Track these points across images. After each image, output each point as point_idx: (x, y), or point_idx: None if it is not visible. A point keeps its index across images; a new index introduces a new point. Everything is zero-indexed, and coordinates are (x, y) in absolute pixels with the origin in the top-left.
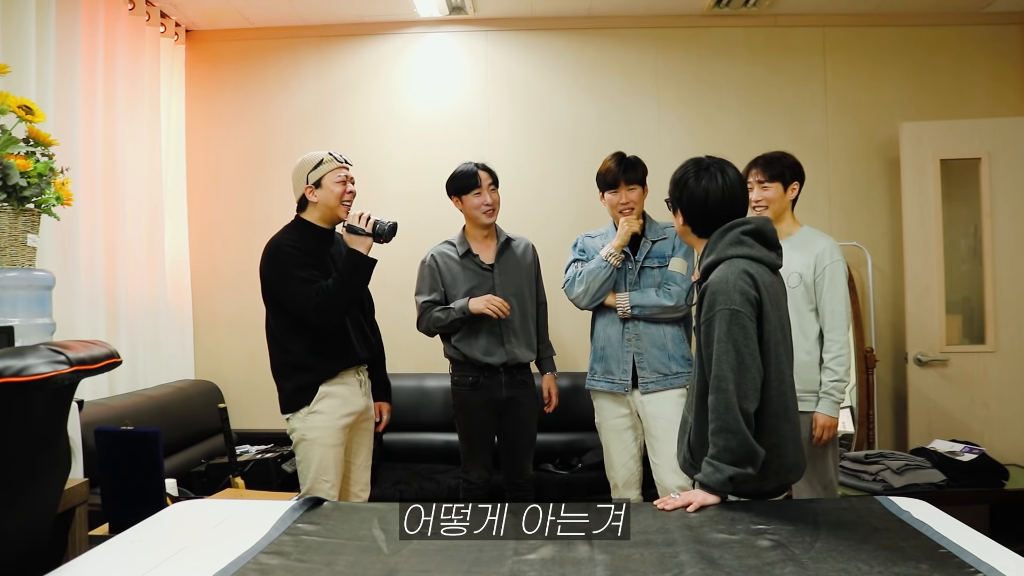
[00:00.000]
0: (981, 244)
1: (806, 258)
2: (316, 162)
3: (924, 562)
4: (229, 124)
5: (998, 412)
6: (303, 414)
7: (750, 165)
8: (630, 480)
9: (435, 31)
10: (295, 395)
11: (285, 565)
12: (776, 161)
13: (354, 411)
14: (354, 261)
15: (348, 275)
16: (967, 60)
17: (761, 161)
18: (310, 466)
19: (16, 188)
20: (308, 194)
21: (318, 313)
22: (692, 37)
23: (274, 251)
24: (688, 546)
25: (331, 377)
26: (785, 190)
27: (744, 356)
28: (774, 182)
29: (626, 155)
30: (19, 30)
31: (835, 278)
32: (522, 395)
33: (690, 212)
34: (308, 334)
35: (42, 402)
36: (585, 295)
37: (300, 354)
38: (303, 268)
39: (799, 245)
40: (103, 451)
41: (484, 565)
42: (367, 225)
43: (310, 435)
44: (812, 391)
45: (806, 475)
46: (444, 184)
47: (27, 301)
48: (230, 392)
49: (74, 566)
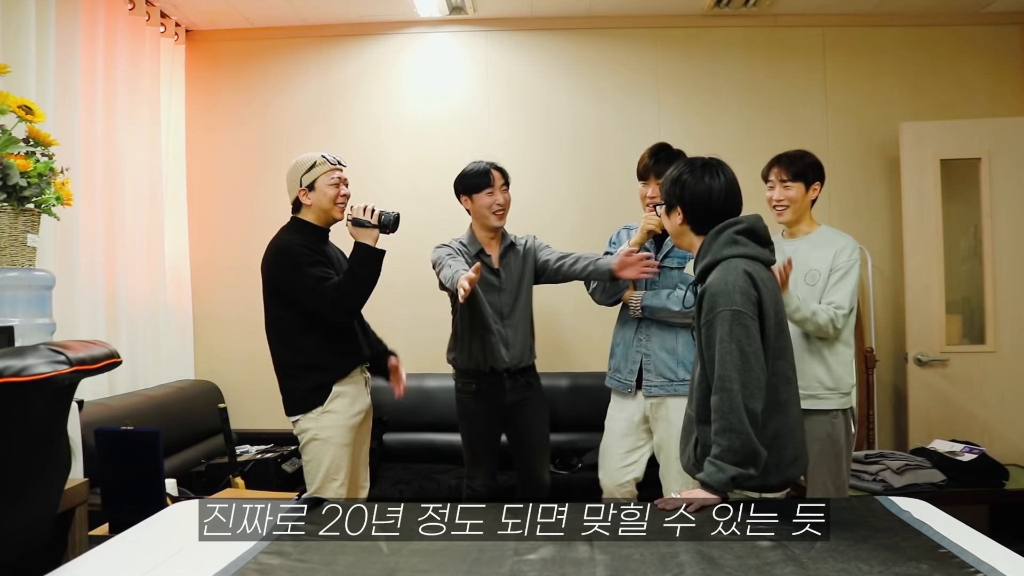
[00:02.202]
0: (981, 244)
1: (827, 256)
2: (309, 165)
3: (924, 562)
4: (229, 124)
5: (998, 412)
6: (316, 414)
7: (772, 163)
8: (615, 489)
9: (435, 31)
10: (309, 395)
11: (285, 565)
12: (798, 159)
13: (362, 409)
14: (363, 254)
15: (359, 269)
16: (967, 60)
17: (784, 159)
18: (320, 466)
19: (16, 188)
20: (302, 197)
21: (335, 309)
22: (692, 37)
23: (285, 251)
24: (688, 546)
25: (344, 376)
26: (807, 190)
27: (748, 356)
28: (796, 181)
29: (669, 147)
30: (19, 30)
31: (849, 273)
32: (528, 399)
33: (693, 209)
34: (321, 333)
35: (42, 402)
36: (596, 291)
37: (313, 353)
38: (315, 266)
39: (819, 243)
40: (103, 451)
41: (484, 565)
42: (372, 217)
43: (323, 435)
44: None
45: (820, 473)
46: (444, 184)
47: (27, 301)
48: (230, 392)
49: (74, 566)
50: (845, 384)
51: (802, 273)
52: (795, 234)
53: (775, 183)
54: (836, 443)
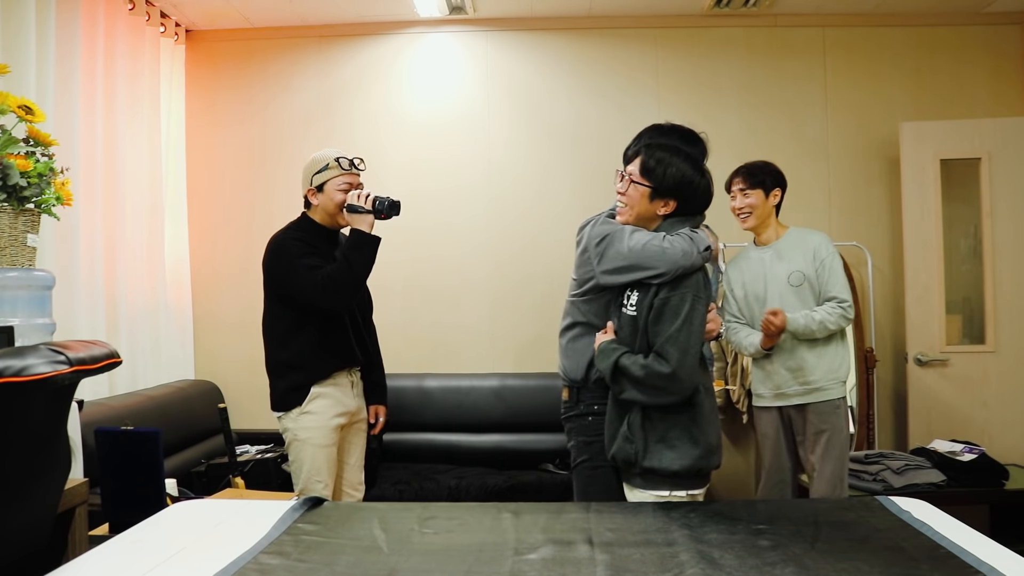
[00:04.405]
0: (981, 244)
1: (804, 255)
2: (321, 165)
3: (924, 562)
4: (229, 124)
5: (998, 412)
6: (295, 414)
7: (733, 175)
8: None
9: (435, 31)
10: (287, 395)
11: (285, 565)
12: (758, 170)
13: (346, 411)
14: (357, 240)
15: (352, 254)
16: (967, 60)
17: (743, 170)
18: (302, 466)
19: (16, 188)
20: (310, 196)
21: (325, 296)
22: (692, 37)
23: (278, 245)
24: (688, 546)
25: (323, 378)
26: (767, 196)
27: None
28: (755, 189)
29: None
30: (19, 30)
31: (834, 267)
32: None
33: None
34: (309, 333)
35: (42, 402)
36: None
37: (297, 352)
38: (307, 257)
39: (793, 246)
40: (103, 451)
41: (484, 565)
42: (366, 202)
43: (302, 435)
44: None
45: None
46: (444, 184)
47: (27, 301)
48: (230, 392)
49: (74, 566)
50: (843, 371)
51: (784, 276)
52: (765, 241)
53: (736, 193)
54: (841, 432)
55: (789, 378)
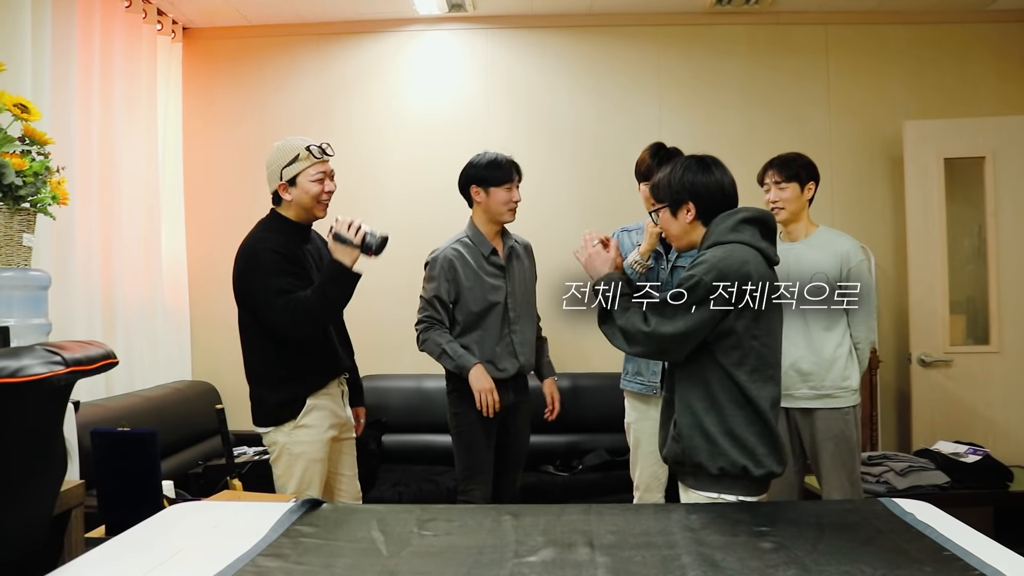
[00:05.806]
0: (985, 244)
1: (829, 258)
2: (291, 157)
3: (928, 564)
4: (227, 123)
5: (1002, 413)
6: (287, 428)
7: (766, 167)
8: (652, 484)
9: (434, 29)
10: (280, 409)
11: (284, 567)
12: (792, 161)
13: (338, 422)
14: (336, 273)
15: (330, 288)
16: (971, 58)
17: (777, 162)
18: (291, 480)
19: (12, 187)
20: (282, 192)
21: (294, 327)
22: (694, 35)
23: (251, 256)
24: (690, 548)
25: (319, 388)
26: (802, 190)
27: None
28: (791, 182)
29: (665, 146)
30: (15, 27)
31: (863, 277)
32: (523, 399)
33: (709, 199)
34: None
35: (38, 403)
36: None
37: (287, 363)
38: (279, 276)
39: (819, 245)
40: (99, 452)
41: (484, 568)
42: (355, 237)
43: (296, 449)
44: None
45: (836, 471)
46: (444, 183)
47: (23, 301)
48: (227, 393)
49: (70, 569)
50: (853, 381)
51: (808, 274)
52: (794, 237)
53: (770, 185)
54: (849, 440)
55: (797, 380)
